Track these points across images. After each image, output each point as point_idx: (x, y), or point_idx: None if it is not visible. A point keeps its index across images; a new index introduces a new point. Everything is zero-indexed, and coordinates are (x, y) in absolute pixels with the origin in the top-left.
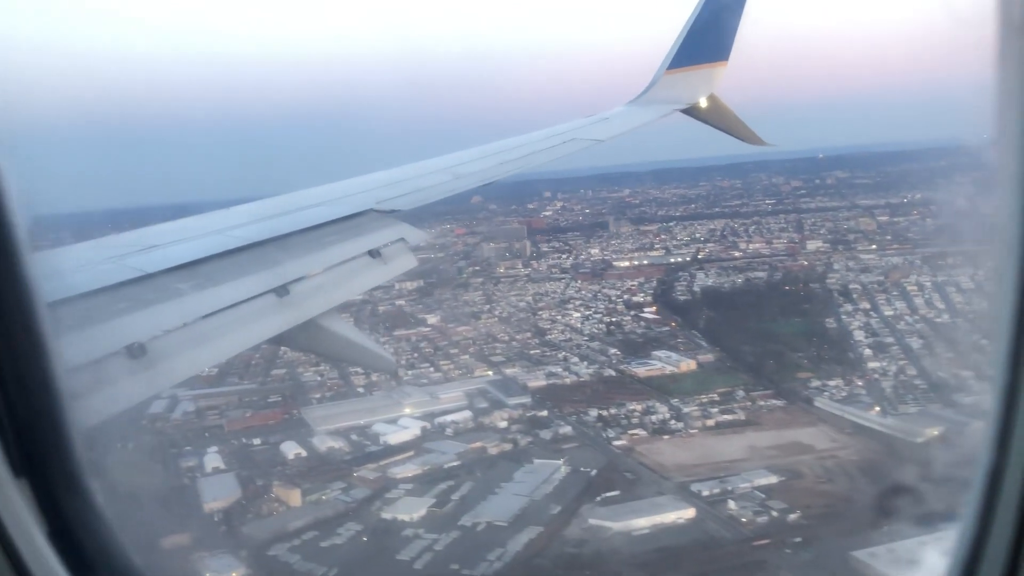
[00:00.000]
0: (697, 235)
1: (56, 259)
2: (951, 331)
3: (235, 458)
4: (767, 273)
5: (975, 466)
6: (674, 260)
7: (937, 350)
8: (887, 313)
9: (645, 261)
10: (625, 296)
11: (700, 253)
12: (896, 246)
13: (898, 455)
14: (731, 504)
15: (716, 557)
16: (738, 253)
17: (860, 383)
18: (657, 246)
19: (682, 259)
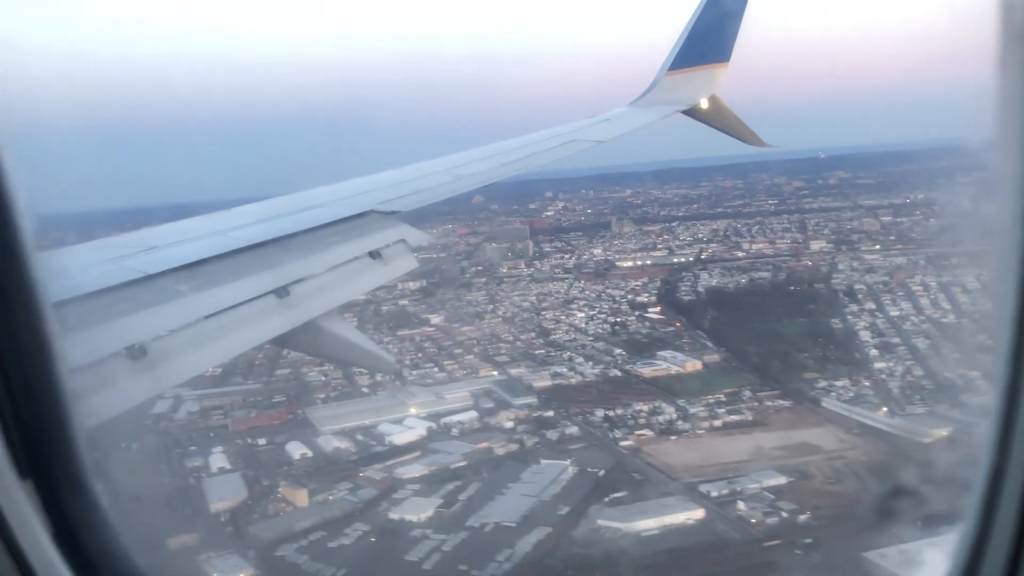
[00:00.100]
0: (700, 235)
1: (58, 260)
2: (957, 331)
3: (240, 458)
4: (771, 273)
5: (976, 467)
6: (677, 260)
7: (944, 350)
8: (893, 313)
9: (648, 261)
10: (629, 296)
11: (703, 253)
12: (900, 246)
13: (906, 456)
14: (740, 505)
15: (727, 558)
16: (741, 253)
17: (867, 383)
18: (660, 246)
19: (685, 259)
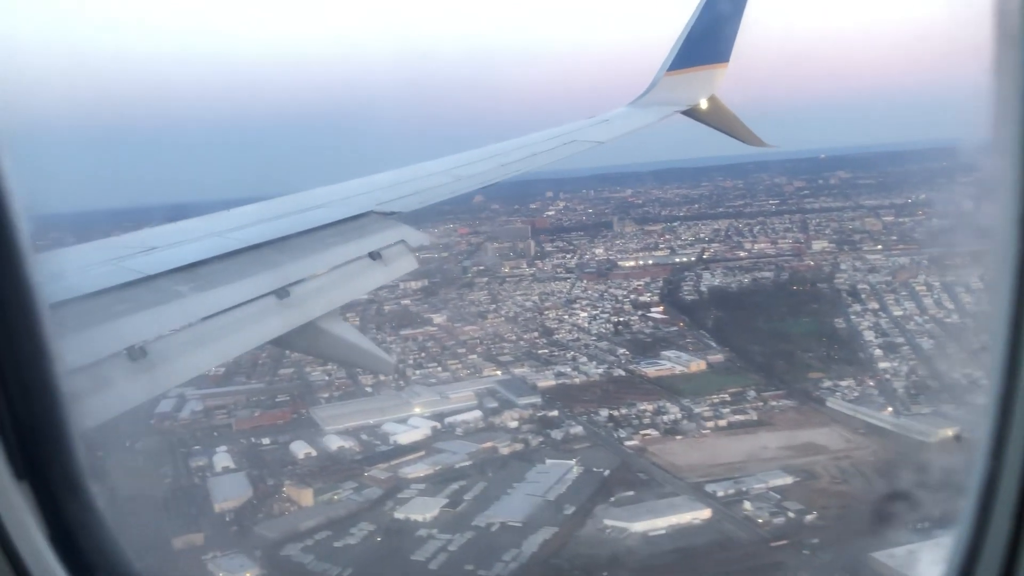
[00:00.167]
0: (701, 235)
1: (57, 261)
2: (961, 331)
3: (245, 457)
4: (774, 273)
5: (971, 470)
6: (679, 260)
7: (948, 350)
8: (896, 313)
9: (650, 261)
10: (632, 296)
11: (705, 253)
12: (902, 246)
13: (913, 456)
14: (747, 505)
15: (735, 558)
16: (743, 253)
17: (872, 383)
18: (662, 246)
19: (687, 259)
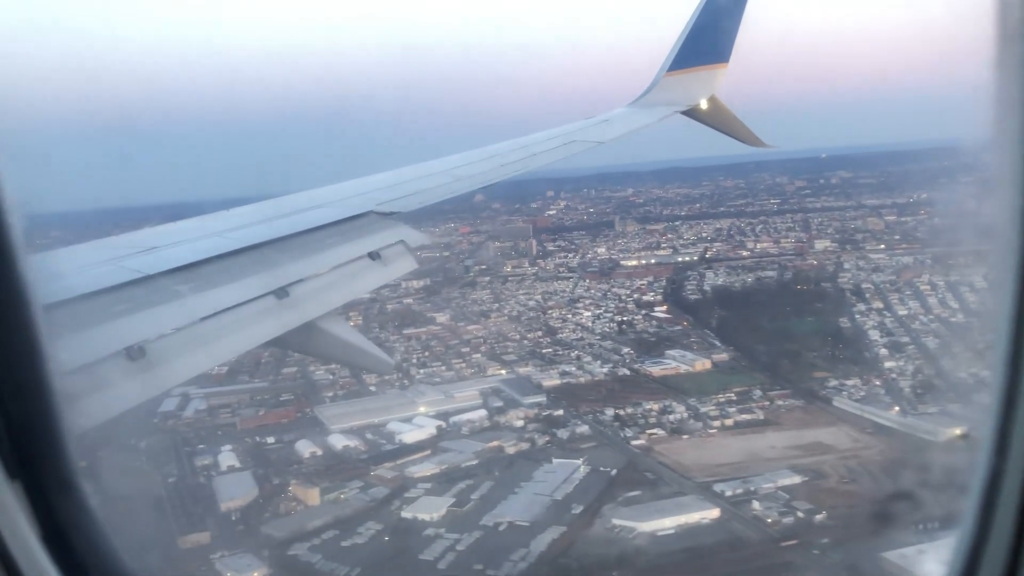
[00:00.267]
0: (703, 234)
1: (56, 260)
2: (967, 330)
3: (250, 456)
4: (777, 272)
5: (976, 468)
6: (682, 259)
7: (954, 349)
8: (901, 312)
9: (653, 260)
10: (635, 295)
11: (708, 252)
12: (905, 245)
13: (920, 455)
14: (755, 504)
15: (745, 558)
16: (746, 252)
17: (878, 382)
18: (664, 245)
19: (690, 258)
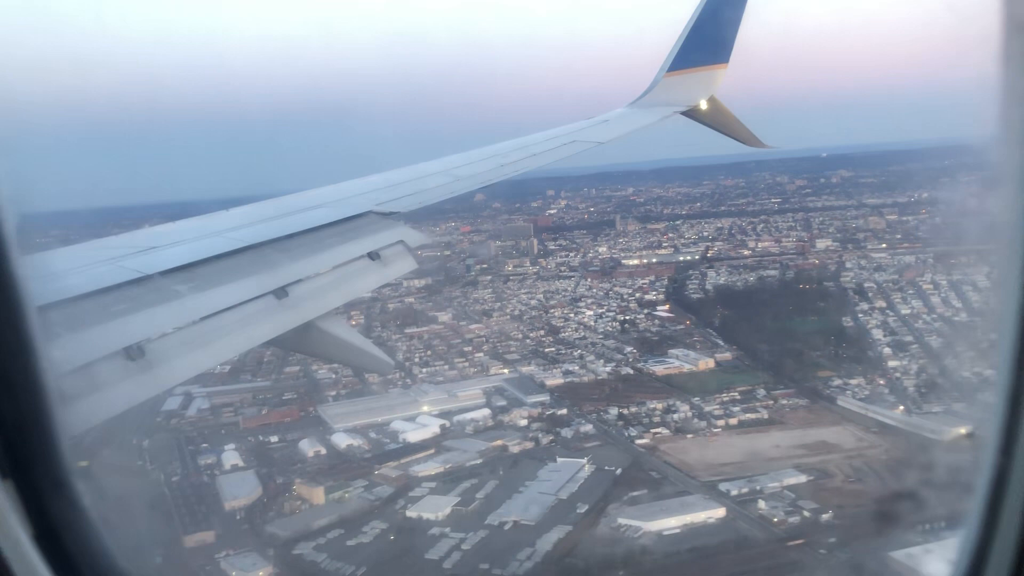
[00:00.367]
0: (705, 233)
1: (56, 259)
2: (970, 329)
3: (253, 455)
4: (779, 271)
5: (980, 469)
6: (683, 258)
7: (957, 348)
8: (904, 312)
9: (654, 259)
10: (637, 294)
11: (709, 251)
12: (907, 245)
13: (926, 454)
14: (761, 504)
15: (752, 557)
16: (747, 251)
17: (882, 382)
18: (665, 244)
19: (691, 257)
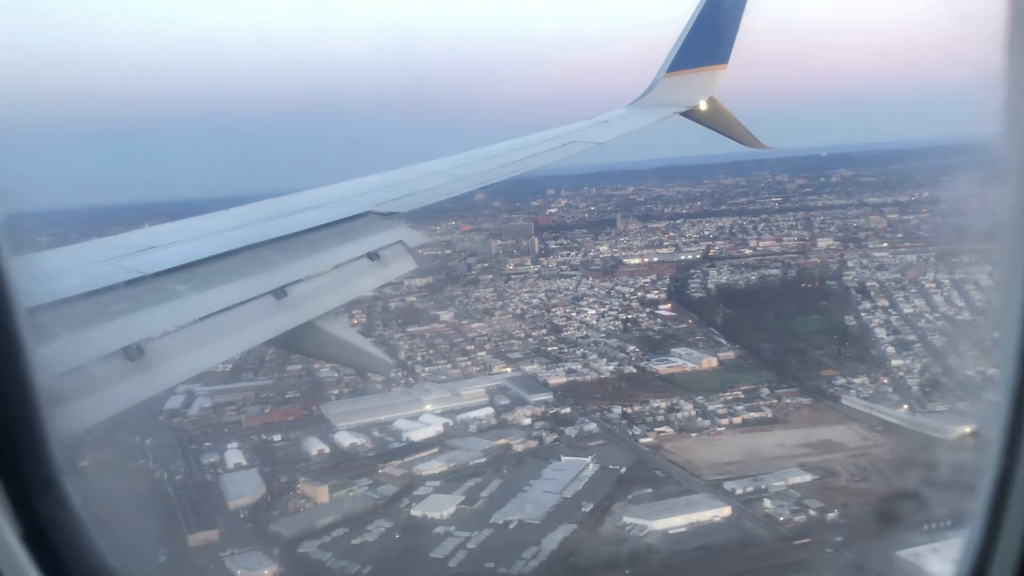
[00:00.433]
0: (706, 232)
1: (54, 259)
2: (973, 328)
3: (256, 454)
4: (780, 270)
5: (983, 469)
6: (685, 257)
7: (961, 347)
8: (907, 311)
9: (655, 258)
10: (639, 293)
11: (710, 250)
12: (908, 244)
13: (931, 453)
14: (767, 503)
15: (758, 556)
16: (748, 250)
17: (885, 380)
18: (666, 243)
19: (693, 256)
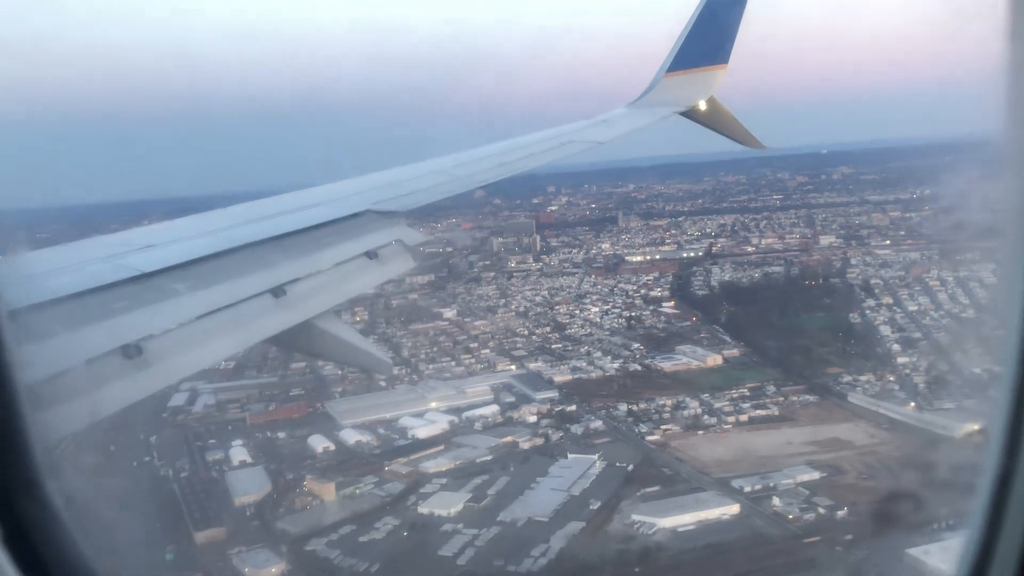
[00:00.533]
0: (708, 230)
1: (54, 257)
2: (978, 326)
3: (261, 452)
4: (783, 268)
5: (983, 469)
6: (687, 255)
7: (966, 344)
8: (911, 308)
9: (658, 256)
10: (642, 291)
11: (713, 248)
12: (911, 241)
13: (939, 451)
14: (776, 501)
15: (769, 554)
16: (751, 248)
17: (891, 378)
18: (668, 241)
19: (695, 254)
